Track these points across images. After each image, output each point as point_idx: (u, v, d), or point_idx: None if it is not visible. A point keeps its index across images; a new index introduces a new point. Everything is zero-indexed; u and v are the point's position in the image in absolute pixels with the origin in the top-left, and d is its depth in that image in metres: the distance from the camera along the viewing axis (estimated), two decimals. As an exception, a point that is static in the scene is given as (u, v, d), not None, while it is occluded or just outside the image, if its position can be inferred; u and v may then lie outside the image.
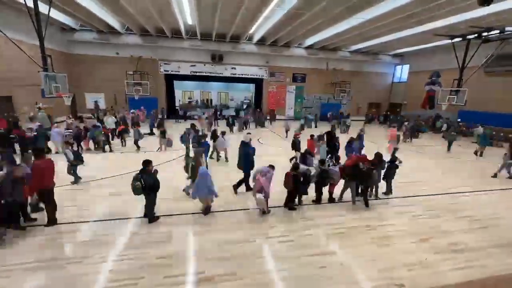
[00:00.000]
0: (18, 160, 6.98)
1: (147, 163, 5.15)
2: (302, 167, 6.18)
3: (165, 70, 21.06)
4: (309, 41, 19.60)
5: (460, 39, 13.46)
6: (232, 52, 21.13)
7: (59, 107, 15.01)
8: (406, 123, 16.61)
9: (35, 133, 9.71)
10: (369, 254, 4.52)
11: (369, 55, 23.39)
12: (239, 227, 5.27)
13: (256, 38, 19.40)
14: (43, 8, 10.16)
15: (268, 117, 21.29)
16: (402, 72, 25.16)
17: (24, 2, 9.43)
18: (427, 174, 9.13)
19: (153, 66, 20.56)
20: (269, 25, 15.49)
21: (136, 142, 11.21)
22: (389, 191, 7.08)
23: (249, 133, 8.52)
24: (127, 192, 6.60)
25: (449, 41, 14.07)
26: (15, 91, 13.33)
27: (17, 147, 9.30)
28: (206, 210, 5.71)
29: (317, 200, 6.42)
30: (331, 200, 6.56)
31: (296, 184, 5.82)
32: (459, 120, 18.33)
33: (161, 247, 4.50)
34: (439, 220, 5.86)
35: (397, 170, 7.01)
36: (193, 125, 10.57)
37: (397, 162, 6.94)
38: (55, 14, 14.18)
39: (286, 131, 15.30)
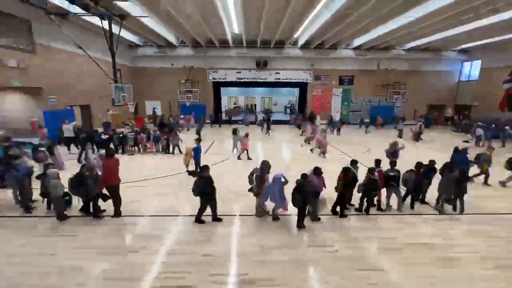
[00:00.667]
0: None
1: (204, 168, 5.50)
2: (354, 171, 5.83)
3: (213, 78, 22.38)
4: (358, 41, 18.59)
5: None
6: (277, 57, 21.34)
7: (124, 113, 17.22)
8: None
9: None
10: (427, 276, 3.99)
11: (429, 52, 20.97)
12: (283, 232, 5.21)
13: (301, 42, 19.24)
14: (114, 29, 11.87)
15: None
16: (472, 69, 21.84)
17: (101, 26, 11.17)
18: (505, 188, 7.68)
19: (203, 74, 22.07)
20: (315, 28, 15.20)
21: (175, 147, 11.65)
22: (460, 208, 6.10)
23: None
24: (180, 191, 7.20)
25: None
26: (93, 100, 15.80)
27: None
28: (274, 216, 5.67)
29: (364, 210, 6.00)
30: (379, 208, 6.04)
31: (345, 187, 5.56)
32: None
33: (207, 245, 4.73)
34: (524, 245, 4.85)
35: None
36: (235, 130, 11.19)
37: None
38: (124, 34, 16.42)
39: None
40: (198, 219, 5.49)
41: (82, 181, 5.34)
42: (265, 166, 5.54)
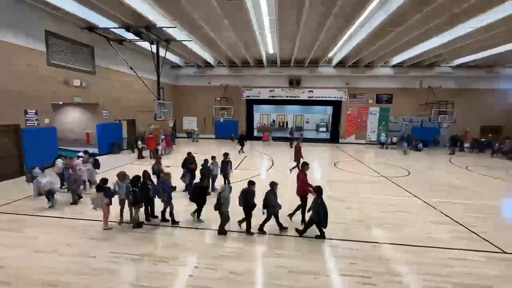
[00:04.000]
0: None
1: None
2: None
3: (246, 96, 23.14)
4: (398, 58, 17.84)
5: None
6: (310, 75, 21.40)
7: (164, 128, 18.50)
8: None
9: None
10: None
11: (481, 68, 19.14)
12: (314, 257, 4.90)
13: (335, 60, 19.10)
14: (161, 52, 13.12)
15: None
16: (535, 87, 19.30)
17: (150, 49, 12.45)
18: None
19: (237, 92, 22.97)
20: (350, 47, 15.02)
21: None
22: None
23: None
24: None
25: None
26: (137, 115, 17.32)
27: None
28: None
29: None
30: None
31: None
32: None
33: (234, 262, 4.65)
34: None
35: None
36: (225, 154, 8.65)
37: None
38: (169, 56, 18.04)
39: None
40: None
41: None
42: None
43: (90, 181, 8.58)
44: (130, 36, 12.61)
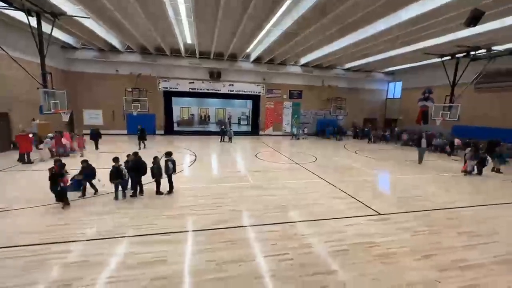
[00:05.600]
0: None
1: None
2: None
3: (163, 87, 21.37)
4: (304, 59, 20.24)
5: (449, 57, 13.98)
6: (230, 69, 21.66)
7: (56, 123, 14.95)
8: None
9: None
10: (372, 273, 4.38)
11: (363, 72, 24.12)
12: (238, 245, 5.12)
13: (253, 57, 19.98)
14: (46, 27, 10.45)
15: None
16: (396, 88, 25.86)
17: (28, 23, 9.70)
18: (426, 189, 9.10)
19: (152, 83, 20.89)
20: (266, 45, 16.01)
21: None
22: None
23: None
24: (119, 209, 6.49)
25: (439, 59, 14.61)
26: (13, 107, 13.35)
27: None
28: None
29: None
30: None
31: None
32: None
33: (157, 267, 4.32)
34: (441, 236, 5.77)
35: (396, 185, 7.01)
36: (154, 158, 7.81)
37: None
38: (57, 33, 14.55)
39: None
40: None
41: None
42: None
43: None
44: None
